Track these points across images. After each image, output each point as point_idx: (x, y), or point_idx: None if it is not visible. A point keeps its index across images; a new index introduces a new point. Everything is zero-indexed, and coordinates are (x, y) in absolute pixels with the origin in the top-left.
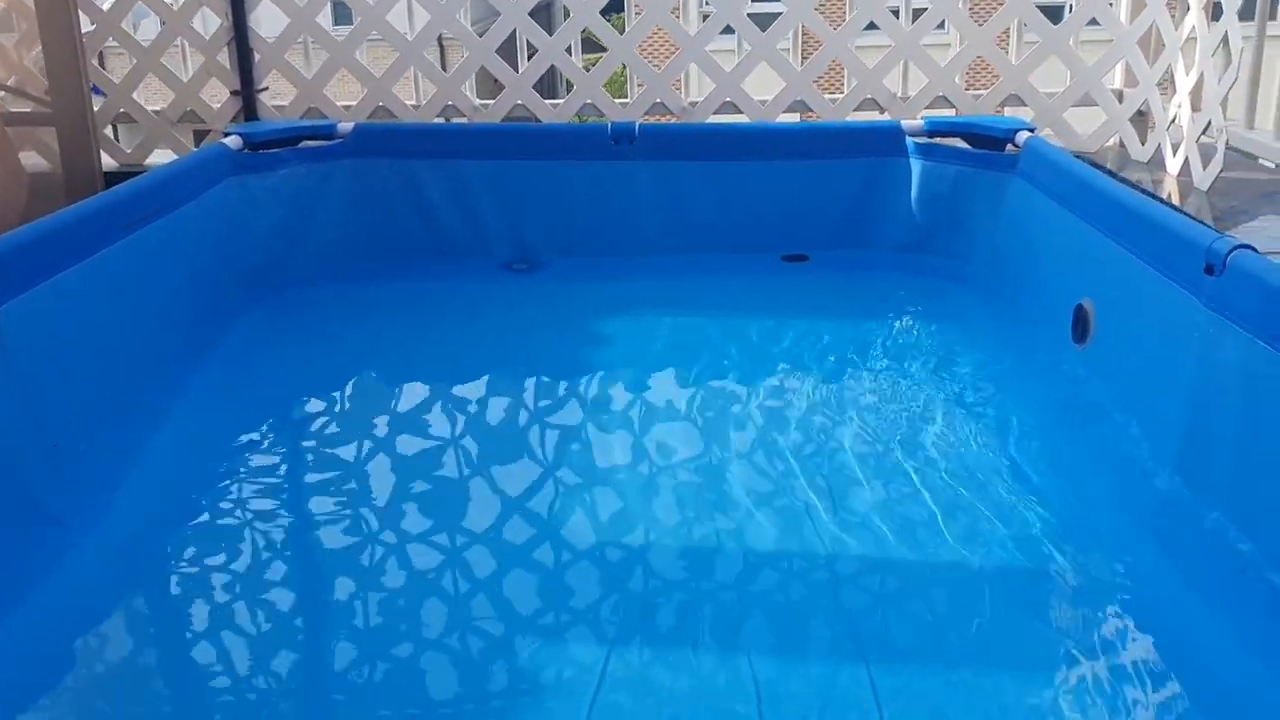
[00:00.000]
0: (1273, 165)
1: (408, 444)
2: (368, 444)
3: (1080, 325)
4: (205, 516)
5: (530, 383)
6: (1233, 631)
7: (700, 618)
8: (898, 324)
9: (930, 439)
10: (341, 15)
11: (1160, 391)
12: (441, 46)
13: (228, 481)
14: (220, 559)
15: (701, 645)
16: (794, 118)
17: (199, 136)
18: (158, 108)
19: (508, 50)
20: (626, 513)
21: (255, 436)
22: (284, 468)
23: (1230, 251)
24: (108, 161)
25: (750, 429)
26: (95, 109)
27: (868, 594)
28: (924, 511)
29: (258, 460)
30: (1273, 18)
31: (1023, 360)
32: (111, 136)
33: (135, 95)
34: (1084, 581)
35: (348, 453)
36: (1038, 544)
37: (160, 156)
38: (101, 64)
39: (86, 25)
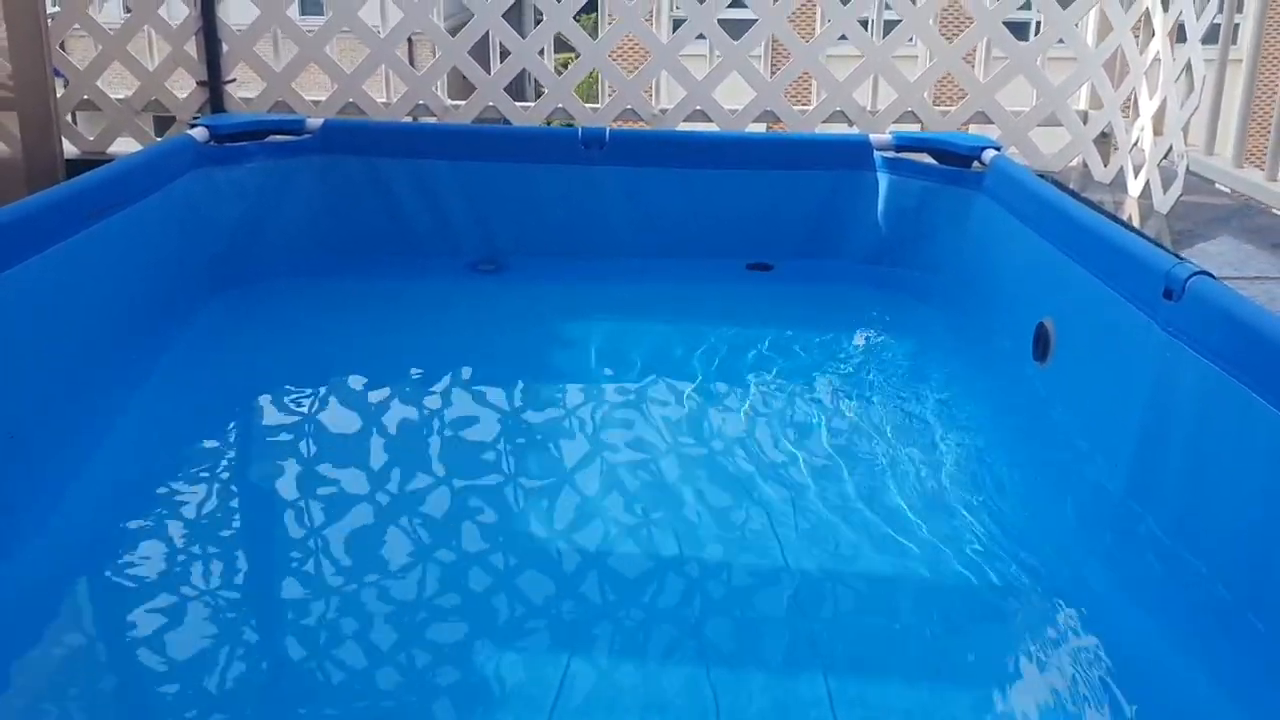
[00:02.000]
0: (1229, 191)
1: (367, 441)
2: (326, 440)
3: (1041, 344)
4: (162, 510)
5: (493, 384)
6: (1182, 648)
7: (659, 626)
8: (860, 337)
9: (888, 452)
10: (311, 6)
11: (1117, 412)
12: (410, 42)
13: (185, 476)
14: (175, 554)
15: (659, 654)
16: (762, 128)
17: (161, 125)
18: (122, 95)
19: (479, 51)
20: (585, 518)
21: (215, 431)
22: (243, 462)
23: (1189, 277)
24: (69, 149)
25: (711, 437)
26: (58, 95)
27: (825, 604)
28: (880, 523)
29: (217, 455)
30: (1234, 42)
31: (983, 376)
32: (71, 123)
33: (98, 82)
34: (1037, 596)
35: (306, 449)
36: (992, 558)
37: (123, 145)
38: (63, 48)
39: (51, 8)
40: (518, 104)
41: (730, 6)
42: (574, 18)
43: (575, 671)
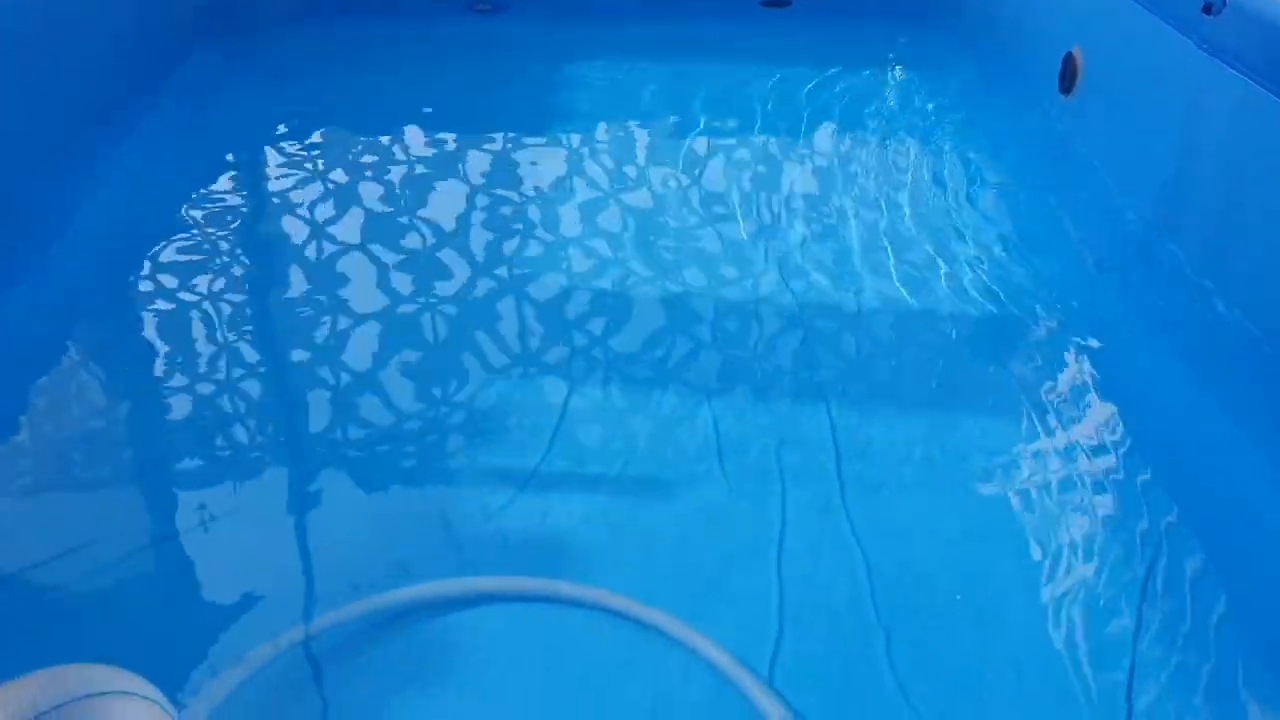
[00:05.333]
0: None
1: (370, 193)
2: (330, 191)
3: (1068, 75)
4: (159, 260)
5: (498, 131)
6: (1203, 385)
7: (663, 362)
8: (881, 74)
9: (908, 190)
10: None
11: (1144, 142)
12: None
13: (179, 230)
14: (179, 305)
15: (663, 386)
16: None
17: None
18: None
19: None
20: (595, 263)
21: (207, 185)
22: (237, 218)
23: None
24: None
25: (722, 180)
26: None
27: (833, 341)
28: (897, 261)
29: (213, 209)
30: None
31: (1008, 112)
32: None
33: None
34: (1052, 332)
35: (308, 198)
36: (1010, 294)
37: None
38: None
39: None
40: None
41: None
42: None
43: (579, 399)
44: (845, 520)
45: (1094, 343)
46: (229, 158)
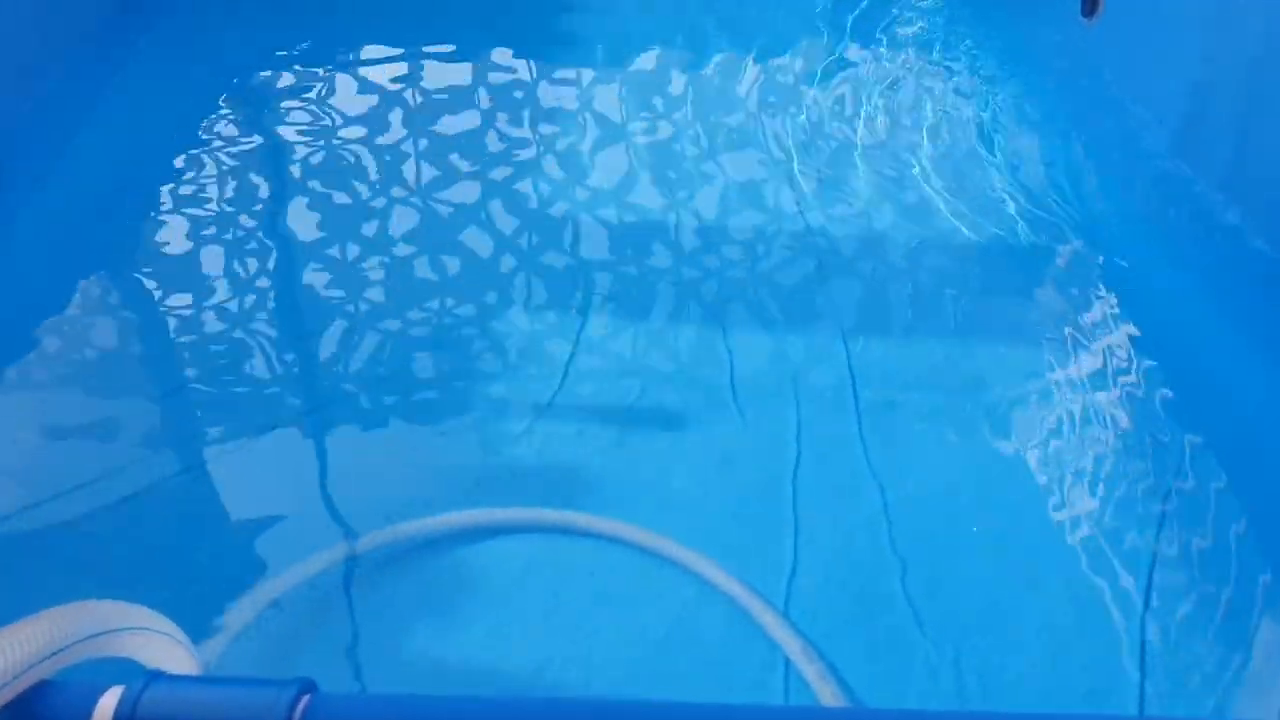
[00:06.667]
0: None
1: (376, 113)
2: (336, 116)
3: None
4: (175, 171)
5: (507, 54)
6: (1220, 307)
7: (677, 292)
8: None
9: (927, 118)
10: None
11: (1167, 64)
12: None
13: (186, 152)
14: (185, 231)
15: (677, 315)
16: None
17: None
18: None
19: None
20: (608, 191)
21: (213, 106)
22: (249, 143)
23: None
24: None
25: (738, 106)
26: None
27: (849, 269)
28: (917, 192)
29: (218, 132)
30: None
31: (1029, 36)
32: None
33: None
34: (1077, 262)
35: (315, 123)
36: (1033, 224)
37: None
38: None
39: None
40: None
41: None
42: None
43: (591, 332)
44: (861, 450)
45: (1112, 267)
46: (232, 81)
